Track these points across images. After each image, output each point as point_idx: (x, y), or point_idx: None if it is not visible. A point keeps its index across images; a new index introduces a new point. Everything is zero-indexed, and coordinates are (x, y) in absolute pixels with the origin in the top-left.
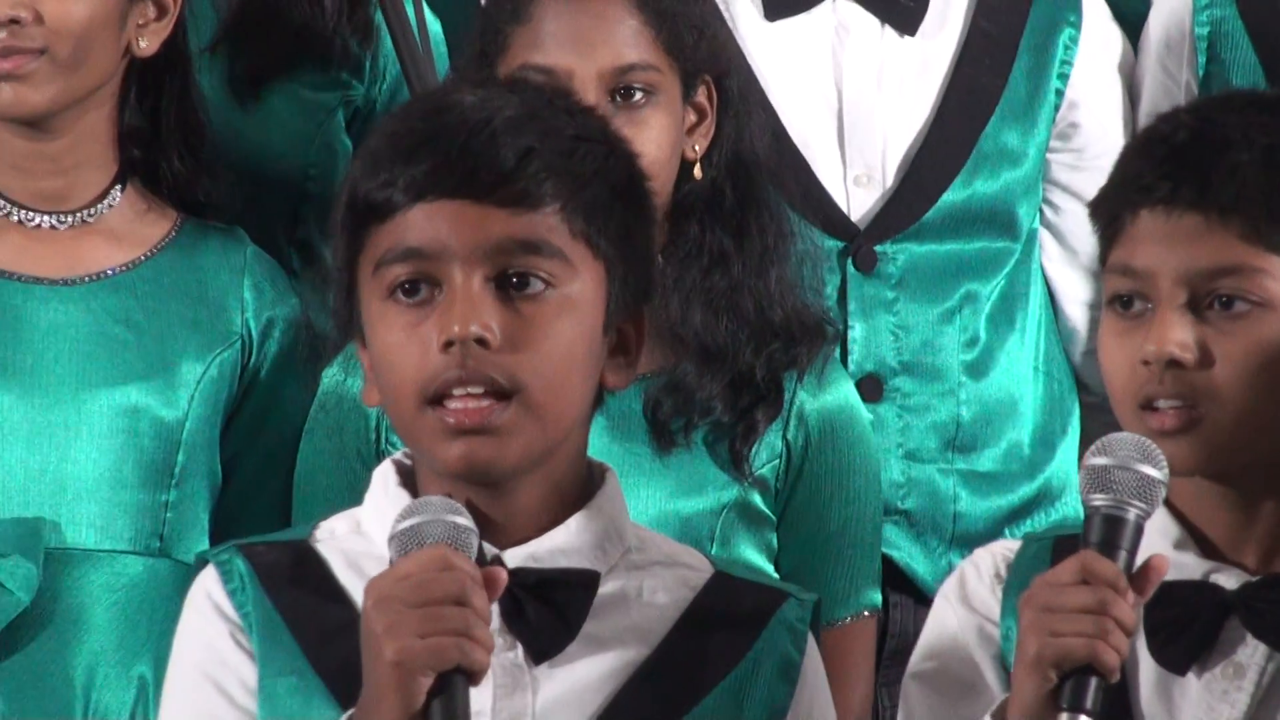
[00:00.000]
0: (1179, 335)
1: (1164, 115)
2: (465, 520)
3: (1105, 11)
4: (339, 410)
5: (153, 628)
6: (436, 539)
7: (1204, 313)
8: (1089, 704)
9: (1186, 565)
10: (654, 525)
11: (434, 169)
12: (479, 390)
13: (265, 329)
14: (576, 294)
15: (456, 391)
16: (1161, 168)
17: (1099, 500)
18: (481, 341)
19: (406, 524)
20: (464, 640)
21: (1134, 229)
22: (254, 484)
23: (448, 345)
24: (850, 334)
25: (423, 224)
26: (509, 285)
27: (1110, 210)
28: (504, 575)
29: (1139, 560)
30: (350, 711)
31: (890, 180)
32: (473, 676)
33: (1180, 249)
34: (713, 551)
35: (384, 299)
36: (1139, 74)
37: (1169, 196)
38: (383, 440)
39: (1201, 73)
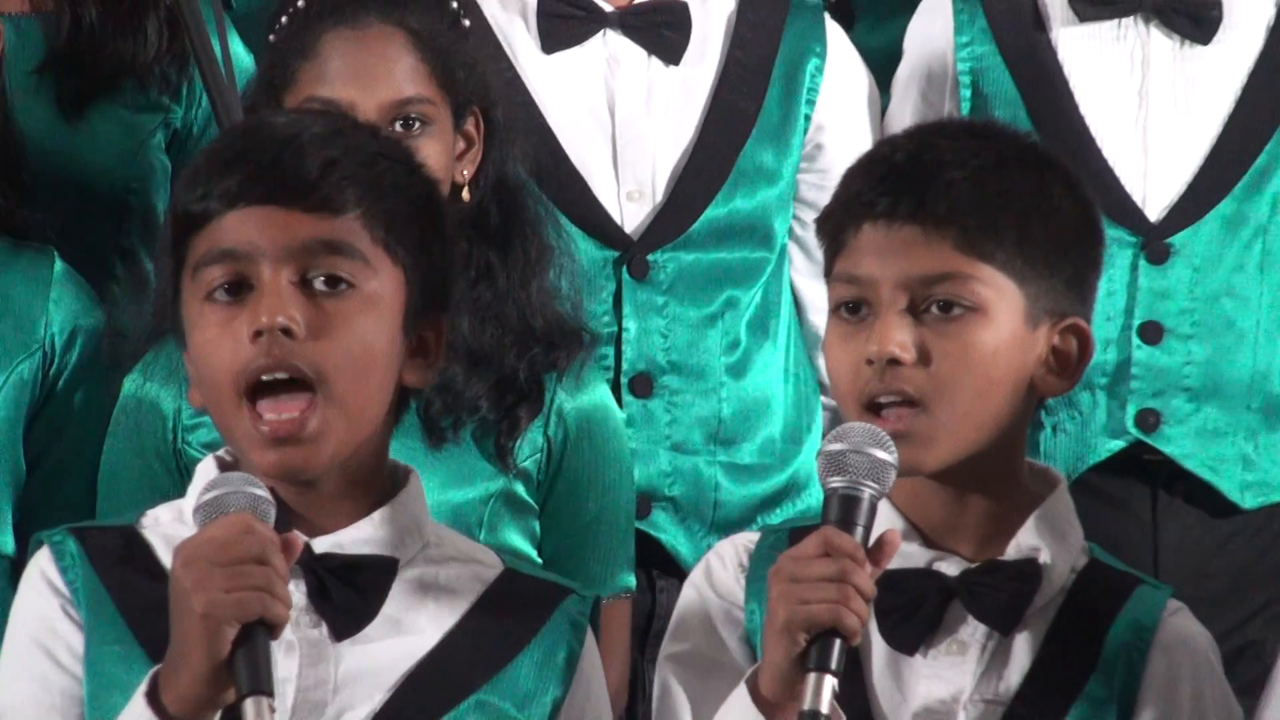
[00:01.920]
0: (899, 336)
1: (883, 140)
2: (263, 492)
3: (849, 45)
4: (138, 413)
5: None
6: (239, 508)
7: (922, 316)
8: (833, 664)
9: (912, 554)
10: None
11: (246, 179)
12: (284, 376)
13: (68, 340)
14: (376, 292)
15: (265, 378)
16: (882, 185)
17: (836, 482)
18: (287, 331)
19: (209, 496)
20: (265, 595)
21: (857, 241)
22: (54, 481)
23: (257, 335)
24: (624, 335)
25: (235, 228)
26: (314, 283)
27: (835, 224)
28: (300, 540)
29: (874, 536)
30: (157, 667)
31: (660, 195)
32: (273, 629)
33: (899, 258)
34: (481, 537)
35: (202, 300)
36: (899, 104)
37: (889, 210)
38: (179, 441)
39: (968, 106)
